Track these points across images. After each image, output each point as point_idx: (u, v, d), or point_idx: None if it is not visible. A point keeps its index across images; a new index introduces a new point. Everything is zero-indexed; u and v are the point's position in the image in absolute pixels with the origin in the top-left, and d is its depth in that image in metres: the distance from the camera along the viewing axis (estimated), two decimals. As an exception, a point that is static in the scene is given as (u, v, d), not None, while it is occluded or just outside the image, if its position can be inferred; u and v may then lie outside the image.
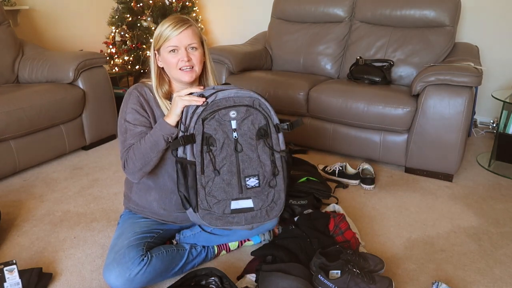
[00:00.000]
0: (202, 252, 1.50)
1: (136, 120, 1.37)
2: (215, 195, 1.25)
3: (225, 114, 1.24)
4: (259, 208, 1.28)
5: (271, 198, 1.29)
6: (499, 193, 2.09)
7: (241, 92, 1.26)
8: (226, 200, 1.25)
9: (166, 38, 1.33)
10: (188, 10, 3.63)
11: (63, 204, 1.99)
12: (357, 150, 2.40)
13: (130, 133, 1.36)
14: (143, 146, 1.32)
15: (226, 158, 1.24)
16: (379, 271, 1.42)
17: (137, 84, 1.44)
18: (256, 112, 1.26)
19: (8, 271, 1.32)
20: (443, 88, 2.07)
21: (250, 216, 1.28)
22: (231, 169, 1.25)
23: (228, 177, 1.25)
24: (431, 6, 2.56)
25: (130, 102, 1.39)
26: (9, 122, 2.12)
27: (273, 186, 1.28)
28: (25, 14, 3.25)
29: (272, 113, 1.28)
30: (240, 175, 1.26)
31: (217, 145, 1.24)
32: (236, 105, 1.24)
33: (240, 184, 1.25)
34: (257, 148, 1.26)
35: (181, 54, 1.34)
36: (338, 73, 2.87)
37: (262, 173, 1.27)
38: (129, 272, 1.27)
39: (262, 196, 1.27)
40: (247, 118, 1.25)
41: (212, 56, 2.75)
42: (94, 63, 2.59)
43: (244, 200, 1.26)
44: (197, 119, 1.23)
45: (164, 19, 1.38)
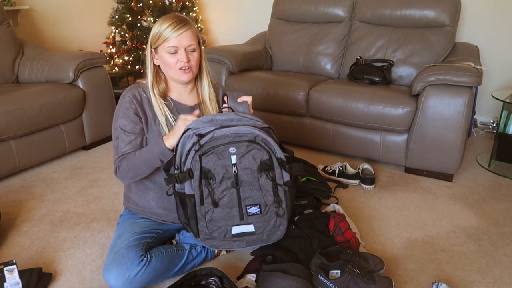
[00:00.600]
0: (202, 252, 1.50)
1: (127, 126, 1.37)
2: (215, 223, 1.23)
3: (224, 150, 1.17)
4: (260, 232, 1.26)
5: (273, 223, 1.26)
6: (499, 193, 2.09)
7: (241, 129, 1.18)
8: (227, 226, 1.23)
9: (165, 38, 1.32)
10: (188, 10, 3.63)
11: (63, 204, 1.99)
12: (357, 150, 2.40)
13: (122, 139, 1.37)
14: (137, 160, 1.32)
15: (226, 190, 1.20)
16: (379, 271, 1.42)
17: (131, 86, 1.43)
18: (259, 147, 1.19)
19: (8, 271, 1.32)
20: (443, 88, 2.07)
21: (252, 240, 1.26)
22: (231, 200, 1.21)
23: (228, 207, 1.22)
24: (431, 6, 2.56)
25: (122, 106, 1.38)
26: (9, 122, 2.12)
27: (276, 213, 1.25)
28: (25, 14, 3.25)
29: (276, 148, 1.21)
30: (241, 204, 1.22)
31: (216, 179, 1.19)
32: (236, 141, 1.18)
33: (241, 212, 1.23)
34: (258, 180, 1.21)
35: (180, 55, 1.34)
36: (338, 73, 2.87)
37: (264, 202, 1.23)
38: (129, 273, 1.27)
39: (263, 221, 1.25)
40: (249, 153, 1.19)
41: (212, 56, 2.77)
42: (94, 63, 2.59)
43: (244, 225, 1.24)
44: (194, 155, 1.17)
45: (163, 16, 1.37)
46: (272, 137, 1.22)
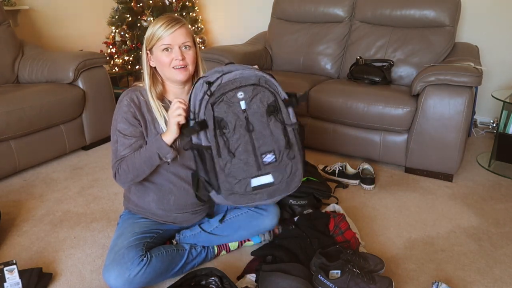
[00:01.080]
0: (202, 252, 1.50)
1: (126, 130, 1.36)
2: (234, 176, 1.26)
3: (232, 95, 1.23)
4: (279, 182, 1.29)
5: (289, 170, 1.30)
6: (499, 193, 2.09)
7: (246, 72, 1.25)
8: (246, 179, 1.26)
9: (159, 37, 1.32)
10: (188, 10, 3.63)
11: (63, 204, 1.99)
12: (357, 150, 2.40)
13: (121, 143, 1.36)
14: (137, 160, 1.33)
15: (240, 138, 1.25)
16: (379, 271, 1.42)
17: (129, 89, 1.42)
18: (263, 89, 1.26)
19: (8, 271, 1.32)
20: (443, 88, 2.07)
21: (272, 190, 1.29)
22: (246, 149, 1.26)
23: (244, 156, 1.26)
24: (431, 6, 2.56)
25: (120, 110, 1.38)
26: (9, 122, 2.12)
27: (290, 158, 1.30)
28: (25, 14, 3.25)
29: (279, 88, 1.29)
30: (256, 153, 1.26)
31: (229, 127, 1.24)
32: (243, 85, 1.24)
33: (258, 161, 1.26)
34: (269, 125, 1.27)
35: (175, 53, 1.34)
36: (338, 73, 2.87)
37: (277, 148, 1.28)
38: (129, 273, 1.27)
39: (280, 169, 1.29)
40: (255, 97, 1.25)
41: (212, 56, 2.77)
42: (94, 63, 2.59)
43: (263, 176, 1.28)
44: (206, 104, 1.22)
45: (158, 18, 1.37)
46: (274, 78, 1.29)
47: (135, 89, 1.41)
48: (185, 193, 1.45)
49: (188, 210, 1.49)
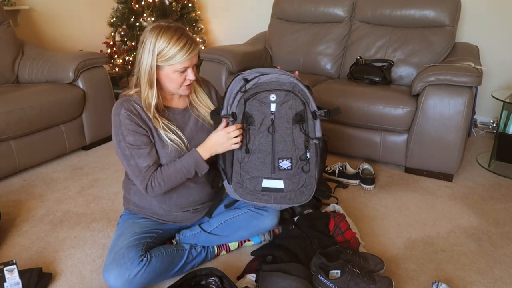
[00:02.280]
0: (202, 252, 1.50)
1: (137, 141, 1.32)
2: (248, 171, 1.32)
3: (265, 96, 1.28)
4: (289, 191, 1.33)
5: (302, 183, 1.33)
6: (499, 193, 2.09)
7: (282, 77, 1.29)
8: (258, 178, 1.32)
9: (179, 61, 1.27)
10: (188, 10, 3.63)
11: (63, 204, 1.99)
12: (357, 150, 2.40)
13: (138, 156, 1.32)
14: (173, 174, 1.34)
15: (263, 138, 1.30)
16: (379, 271, 1.42)
17: (121, 101, 1.34)
18: (295, 97, 1.29)
19: (8, 271, 1.32)
20: (443, 88, 2.07)
21: (279, 197, 1.33)
22: (265, 149, 1.31)
23: (262, 155, 1.31)
24: (431, 6, 2.56)
25: (123, 124, 1.31)
26: (9, 122, 2.12)
27: (305, 171, 1.32)
28: (25, 14, 3.25)
29: (311, 100, 1.31)
30: (274, 155, 1.31)
31: (255, 125, 1.30)
32: (277, 89, 1.28)
33: (273, 164, 1.31)
34: (292, 132, 1.30)
35: (189, 74, 1.32)
36: (338, 73, 2.87)
37: (295, 156, 1.31)
38: (129, 273, 1.27)
39: (293, 179, 1.32)
40: (286, 103, 1.29)
41: (212, 56, 2.77)
42: (94, 63, 2.59)
43: (275, 180, 1.32)
44: (239, 99, 1.29)
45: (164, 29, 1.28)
46: (309, 90, 1.31)
47: (127, 100, 1.34)
48: (187, 191, 1.45)
49: (189, 209, 1.49)
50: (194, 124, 1.44)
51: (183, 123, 1.42)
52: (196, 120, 1.45)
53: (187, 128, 1.43)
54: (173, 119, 1.40)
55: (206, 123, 1.46)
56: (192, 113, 1.45)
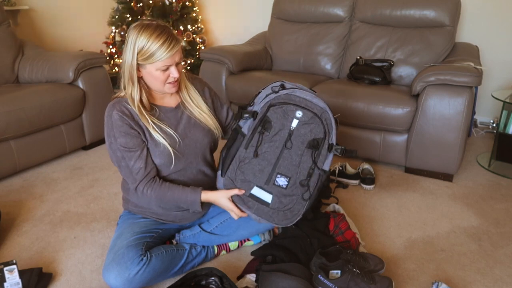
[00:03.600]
0: (202, 252, 1.50)
1: (129, 143, 1.32)
2: (244, 172, 1.30)
3: (292, 110, 1.27)
4: (273, 208, 1.31)
5: (289, 206, 1.31)
6: (499, 193, 2.09)
7: (316, 100, 1.29)
8: (250, 183, 1.30)
9: (159, 58, 1.26)
10: (188, 10, 3.63)
11: (63, 204, 1.99)
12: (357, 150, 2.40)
13: (129, 158, 1.32)
14: (168, 198, 1.37)
15: (272, 147, 1.29)
16: (379, 271, 1.42)
17: (113, 103, 1.35)
18: (319, 123, 1.28)
19: (8, 271, 1.32)
20: (443, 88, 2.07)
21: (261, 211, 1.31)
22: (270, 158, 1.29)
23: (264, 163, 1.29)
24: (431, 6, 2.56)
25: (115, 126, 1.31)
26: (9, 122, 2.12)
27: (297, 195, 1.31)
28: (25, 14, 3.25)
29: (333, 132, 1.30)
30: (275, 168, 1.29)
31: (270, 132, 1.29)
32: (306, 108, 1.28)
33: (271, 176, 1.29)
34: (302, 155, 1.29)
35: (172, 72, 1.31)
36: (338, 73, 2.87)
37: (294, 178, 1.29)
38: (128, 272, 1.27)
39: (283, 199, 1.30)
40: (309, 125, 1.28)
41: (212, 56, 2.77)
42: (94, 63, 2.59)
43: (266, 192, 1.30)
44: (266, 101, 1.29)
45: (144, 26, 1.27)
46: (336, 121, 1.30)
47: (119, 101, 1.35)
48: None
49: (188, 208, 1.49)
50: (187, 122, 1.44)
51: (175, 121, 1.42)
52: (189, 118, 1.45)
53: (180, 126, 1.43)
54: (165, 118, 1.40)
55: (199, 121, 1.46)
56: (185, 111, 1.45)
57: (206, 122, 1.46)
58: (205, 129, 1.46)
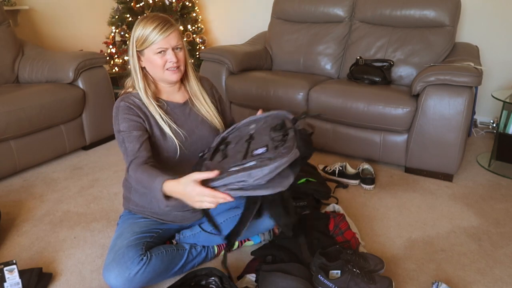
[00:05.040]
0: (202, 252, 1.50)
1: (130, 127, 1.34)
2: (217, 167, 1.16)
3: (246, 128, 1.35)
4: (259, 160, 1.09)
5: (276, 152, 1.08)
6: (499, 193, 2.09)
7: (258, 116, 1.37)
8: (225, 168, 1.13)
9: (153, 41, 1.30)
10: (188, 10, 3.63)
11: (63, 204, 1.99)
12: (357, 150, 2.40)
13: (128, 140, 1.34)
14: (144, 184, 1.24)
15: (237, 146, 1.27)
16: (379, 271, 1.42)
17: (122, 97, 1.40)
18: (273, 120, 1.31)
19: (8, 271, 1.32)
20: (443, 88, 2.07)
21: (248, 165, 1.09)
22: (239, 150, 1.21)
23: (235, 155, 1.20)
24: (431, 6, 2.56)
25: (120, 113, 1.35)
26: (9, 122, 2.12)
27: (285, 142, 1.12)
28: (25, 14, 3.25)
29: (289, 115, 1.30)
30: (248, 150, 1.18)
31: (232, 144, 1.30)
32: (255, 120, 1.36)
33: (246, 155, 1.15)
34: (270, 134, 1.21)
35: (169, 55, 1.33)
36: (338, 73, 2.87)
37: (271, 144, 1.14)
38: (129, 272, 1.27)
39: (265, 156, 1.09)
40: (265, 124, 1.31)
41: (212, 56, 2.77)
42: (94, 63, 2.59)
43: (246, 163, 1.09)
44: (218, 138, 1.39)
45: (143, 17, 1.34)
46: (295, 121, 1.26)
47: (128, 96, 1.38)
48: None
49: (189, 208, 1.49)
50: (194, 119, 1.46)
51: (182, 116, 1.44)
52: (196, 115, 1.47)
53: (188, 122, 1.44)
54: (172, 113, 1.42)
55: (206, 119, 1.48)
56: (193, 107, 1.47)
57: (212, 120, 1.48)
58: (211, 127, 1.48)
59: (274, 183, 1.05)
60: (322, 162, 2.42)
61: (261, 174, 1.03)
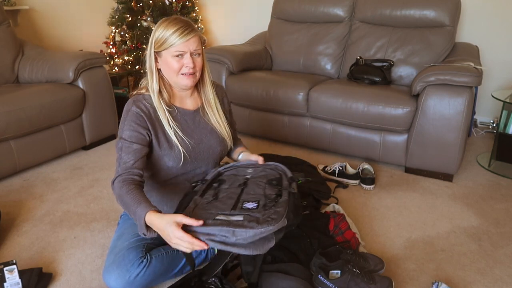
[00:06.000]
0: (202, 253, 1.49)
1: (132, 137, 1.33)
2: (205, 209, 1.16)
3: (243, 170, 1.39)
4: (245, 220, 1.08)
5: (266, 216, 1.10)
6: (499, 193, 2.09)
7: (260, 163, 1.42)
8: (213, 214, 1.13)
9: (172, 43, 1.29)
10: (188, 10, 3.63)
11: (63, 204, 1.99)
12: (357, 150, 2.40)
13: (125, 150, 1.32)
14: (126, 205, 1.21)
15: (230, 189, 1.27)
16: (379, 271, 1.42)
17: (134, 98, 1.38)
18: (271, 171, 1.36)
19: (8, 271, 1.32)
20: (443, 88, 2.07)
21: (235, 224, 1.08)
22: (232, 196, 1.22)
23: (226, 200, 1.19)
24: (431, 6, 2.56)
25: (128, 119, 1.34)
26: (9, 122, 2.12)
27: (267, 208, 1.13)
28: (25, 14, 3.25)
29: (288, 171, 1.35)
30: (239, 199, 1.20)
31: (226, 184, 1.32)
32: (255, 166, 1.40)
33: (236, 204, 1.16)
34: (265, 188, 1.26)
35: (186, 60, 1.32)
36: (338, 73, 2.87)
37: (263, 201, 1.17)
38: (129, 275, 1.27)
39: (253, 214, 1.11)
40: (263, 171, 1.37)
41: (212, 56, 2.77)
42: (94, 63, 2.59)
43: (234, 216, 1.10)
44: (214, 172, 1.40)
45: (165, 19, 1.34)
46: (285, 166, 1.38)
47: (138, 98, 1.37)
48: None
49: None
50: (204, 128, 1.45)
51: (192, 124, 1.43)
52: (206, 124, 1.46)
53: (196, 130, 1.44)
54: (182, 120, 1.42)
55: (215, 129, 1.48)
56: (203, 116, 1.46)
57: (221, 131, 1.48)
58: (219, 137, 1.47)
59: (255, 245, 1.06)
60: (322, 162, 2.42)
61: (245, 236, 1.03)
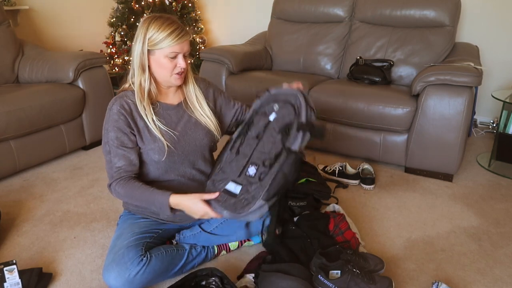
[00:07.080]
0: (202, 252, 1.50)
1: (118, 139, 1.34)
2: (225, 172, 1.37)
3: (270, 106, 1.41)
4: (239, 198, 1.28)
5: (252, 193, 1.25)
6: (499, 193, 2.09)
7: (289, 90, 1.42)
8: (227, 179, 1.34)
9: (168, 44, 1.31)
10: (188, 10, 3.63)
11: (63, 204, 1.99)
12: (357, 150, 2.40)
13: (114, 154, 1.35)
14: (137, 195, 1.33)
15: (249, 144, 1.38)
16: (379, 271, 1.42)
17: (117, 96, 1.39)
18: (290, 106, 1.36)
19: (8, 271, 1.32)
20: (443, 88, 2.07)
21: (228, 204, 1.28)
22: (247, 153, 1.37)
23: (241, 158, 1.37)
24: (431, 6, 2.56)
25: (111, 119, 1.35)
26: (9, 122, 2.12)
27: (261, 180, 1.27)
28: (25, 14, 3.25)
29: (303, 111, 1.32)
30: (249, 159, 1.34)
31: (253, 131, 1.40)
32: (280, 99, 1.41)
33: (245, 168, 1.33)
34: (274, 142, 1.32)
35: (179, 60, 1.35)
36: (338, 73, 2.87)
37: (261, 163, 1.31)
38: (129, 273, 1.27)
39: (249, 187, 1.28)
40: (281, 110, 1.38)
41: (212, 56, 2.77)
42: (94, 63, 2.59)
43: (237, 184, 1.31)
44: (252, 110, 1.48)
45: (154, 17, 1.34)
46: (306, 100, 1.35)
47: (122, 95, 1.38)
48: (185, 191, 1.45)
49: None
50: (187, 121, 1.46)
51: (176, 118, 1.44)
52: (189, 117, 1.46)
53: (180, 123, 1.44)
54: (166, 115, 1.42)
55: (199, 121, 1.48)
56: (186, 110, 1.47)
57: (206, 124, 1.48)
58: (205, 129, 1.48)
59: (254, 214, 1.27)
60: (322, 162, 2.42)
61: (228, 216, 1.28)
